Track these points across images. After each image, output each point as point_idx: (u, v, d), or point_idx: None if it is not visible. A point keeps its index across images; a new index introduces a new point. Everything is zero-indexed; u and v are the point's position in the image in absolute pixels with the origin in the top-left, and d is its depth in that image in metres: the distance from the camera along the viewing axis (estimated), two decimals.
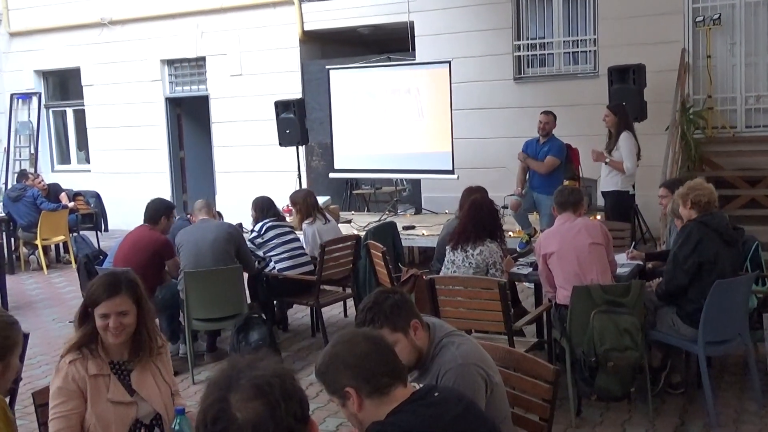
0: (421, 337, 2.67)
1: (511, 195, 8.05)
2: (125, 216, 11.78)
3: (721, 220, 4.79)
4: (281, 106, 10.39)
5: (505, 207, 8.24)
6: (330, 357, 2.14)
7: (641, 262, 5.44)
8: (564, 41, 10.30)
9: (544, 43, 10.43)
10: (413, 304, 2.70)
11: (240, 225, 8.21)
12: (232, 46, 12.44)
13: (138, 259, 5.90)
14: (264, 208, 6.71)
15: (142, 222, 6.18)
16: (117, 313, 2.79)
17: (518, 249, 7.85)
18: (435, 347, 2.68)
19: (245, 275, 6.27)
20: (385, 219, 9.46)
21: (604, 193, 7.78)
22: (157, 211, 6.17)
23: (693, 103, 9.45)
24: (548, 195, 7.77)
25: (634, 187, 7.83)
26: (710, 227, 4.72)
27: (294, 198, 7.14)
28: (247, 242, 6.45)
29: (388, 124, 10.31)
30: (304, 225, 6.97)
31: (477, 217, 5.21)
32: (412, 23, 11.05)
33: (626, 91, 8.40)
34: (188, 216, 7.07)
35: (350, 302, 7.25)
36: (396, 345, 2.58)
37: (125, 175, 13.57)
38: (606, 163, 7.50)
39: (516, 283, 6.05)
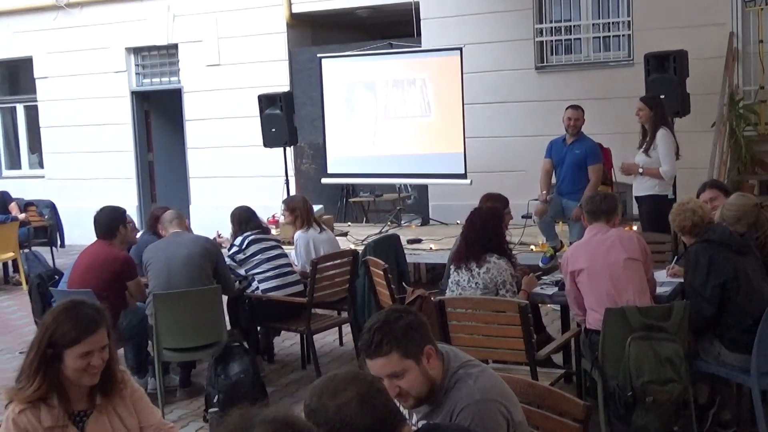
0: (435, 367, 2.67)
1: (535, 199, 8.06)
2: (84, 229, 11.71)
3: (723, 231, 4.89)
4: (266, 101, 10.42)
5: (528, 216, 8.25)
6: (313, 414, 2.12)
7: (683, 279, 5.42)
8: (593, 24, 10.34)
9: (571, 26, 10.47)
10: (428, 328, 2.70)
11: (218, 235, 8.23)
12: (208, 31, 12.49)
13: (97, 281, 5.88)
14: (243, 219, 6.72)
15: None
16: (100, 349, 2.81)
17: (541, 265, 7.85)
18: (449, 379, 2.68)
19: (224, 297, 6.26)
20: (387, 231, 9.48)
21: (638, 199, 7.76)
22: (112, 222, 6.12)
23: (743, 95, 9.48)
24: (578, 202, 7.79)
25: (674, 191, 7.83)
26: (715, 243, 4.79)
27: (291, 203, 7.15)
28: (227, 258, 6.46)
29: (390, 121, 10.34)
30: (296, 234, 6.98)
31: (479, 230, 5.24)
32: (417, 4, 11.09)
33: (665, 82, 8.41)
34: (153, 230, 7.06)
35: (346, 328, 7.25)
36: (405, 374, 2.58)
37: (84, 182, 13.60)
38: (640, 173, 7.48)
39: (539, 305, 6.05)
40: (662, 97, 7.86)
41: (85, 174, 13.62)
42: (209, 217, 11.66)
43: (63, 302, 2.92)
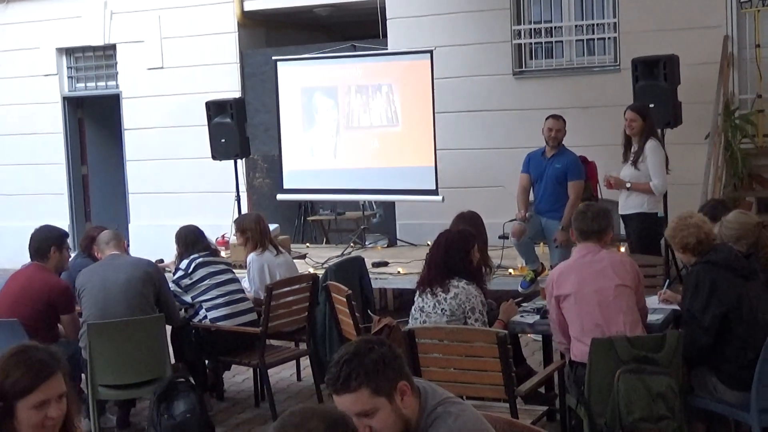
0: (410, 405, 2.67)
1: (512, 220, 8.11)
2: (10, 251, 11.62)
3: (728, 252, 4.90)
4: (214, 108, 10.37)
5: (504, 237, 8.29)
6: None
7: (678, 306, 5.46)
8: (577, 26, 10.45)
9: (552, 28, 10.58)
10: (403, 361, 2.69)
11: (161, 262, 8.17)
12: (150, 31, 12.44)
13: (28, 310, 5.82)
14: (190, 240, 6.69)
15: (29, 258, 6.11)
16: (58, 398, 2.76)
17: (520, 290, 7.89)
18: (426, 418, 2.68)
19: (168, 327, 6.21)
20: (350, 253, 9.46)
21: (625, 217, 7.81)
22: (45, 242, 6.10)
23: (739, 104, 9.63)
24: (560, 221, 7.85)
25: (665, 208, 7.90)
26: (719, 265, 4.81)
27: (243, 223, 7.13)
28: (171, 284, 6.41)
29: (353, 131, 10.36)
30: (250, 256, 6.96)
31: (442, 253, 5.27)
32: (383, 3, 11.14)
33: (655, 89, 8.51)
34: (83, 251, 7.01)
35: (305, 361, 7.22)
36: (376, 413, 2.57)
37: (8, 198, 13.43)
38: (627, 188, 7.55)
39: (519, 335, 6.06)
40: (651, 106, 7.96)
41: (8, 189, 13.45)
42: (151, 238, 11.55)
43: (10, 348, 2.85)
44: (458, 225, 5.85)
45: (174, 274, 6.64)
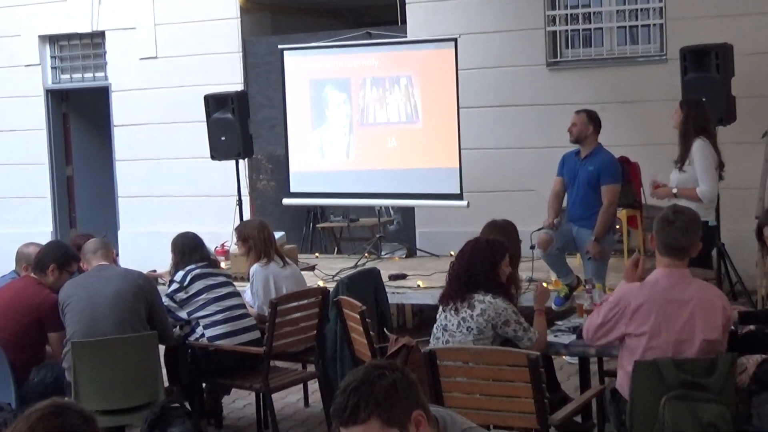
0: None
1: (539, 229, 8.08)
2: None
3: None
4: (214, 103, 10.41)
5: (532, 247, 8.27)
6: None
7: (732, 326, 5.43)
8: (618, 11, 10.43)
9: (590, 13, 10.57)
10: (418, 388, 2.69)
11: (153, 273, 8.18)
12: (143, 16, 12.50)
13: (15, 324, 5.88)
14: (187, 249, 6.70)
15: (12, 268, 6.14)
16: None
17: (554, 307, 7.86)
18: None
19: (161, 346, 6.22)
20: (364, 265, 9.47)
21: None
22: (46, 256, 6.21)
23: None
24: (593, 230, 7.81)
25: (717, 216, 7.86)
26: None
27: (244, 231, 7.14)
28: (165, 298, 6.43)
29: (368, 128, 10.38)
30: (254, 268, 6.97)
31: (466, 264, 5.27)
32: None
33: (706, 82, 8.49)
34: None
35: (313, 385, 7.22)
36: None
37: None
38: (674, 194, 7.51)
39: (553, 357, 6.05)
40: (702, 99, 7.90)
41: None
42: (142, 247, 11.59)
43: (42, 407, 2.77)
44: (489, 235, 5.85)
45: (168, 286, 6.66)
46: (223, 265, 8.33)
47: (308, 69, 10.65)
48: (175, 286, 6.57)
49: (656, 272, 4.74)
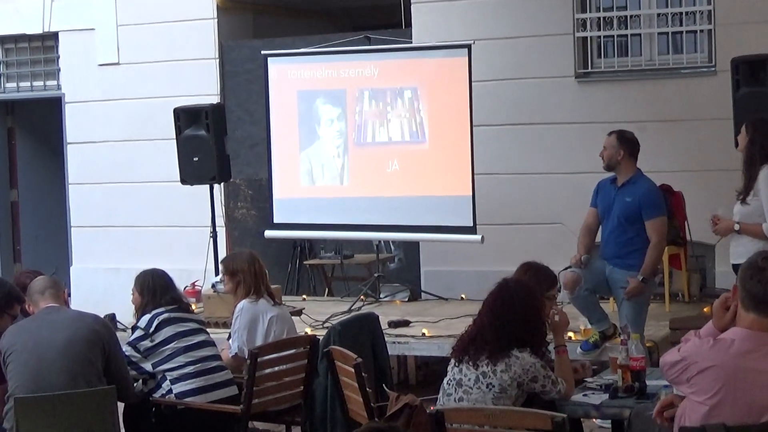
0: None
1: (566, 268, 8.06)
2: None
3: None
4: (185, 117, 10.42)
5: (560, 290, 8.24)
6: None
7: None
8: (659, 14, 10.46)
9: (626, 17, 10.59)
10: None
11: (112, 317, 8.17)
12: (103, 16, 12.52)
13: None
14: (156, 289, 6.67)
15: None
16: None
17: (580, 351, 7.84)
18: None
19: (120, 404, 6.20)
20: (360, 309, 9.45)
21: (736, 268, 7.74)
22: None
23: None
24: (630, 270, 7.79)
25: None
26: None
27: (233, 264, 7.12)
28: (126, 347, 6.42)
29: (366, 149, 10.40)
30: (241, 303, 6.94)
31: (503, 315, 5.25)
32: None
33: (762, 98, 8.47)
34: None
35: None
36: None
37: None
38: (737, 231, 7.51)
39: (582, 420, 6.03)
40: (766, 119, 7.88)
41: None
42: (99, 286, 11.59)
43: None
44: (525, 277, 5.86)
45: (131, 333, 6.64)
46: (195, 308, 8.32)
47: (296, 78, 10.67)
48: (138, 332, 6.55)
49: (733, 331, 4.53)
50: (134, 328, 6.64)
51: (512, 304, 5.29)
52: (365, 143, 10.39)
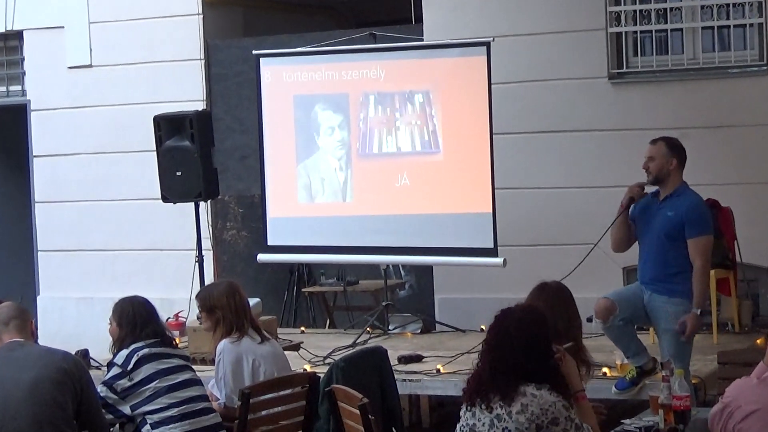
0: None
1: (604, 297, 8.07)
2: None
3: None
4: (167, 126, 10.43)
5: (590, 319, 8.24)
6: None
7: None
8: (703, 6, 10.47)
9: (666, 9, 10.60)
10: None
11: (85, 354, 8.19)
12: (73, 12, 12.56)
13: None
14: (136, 320, 6.63)
15: None
16: None
17: (615, 391, 7.84)
18: None
19: None
20: (366, 343, 9.46)
21: None
22: None
23: None
24: (671, 296, 7.79)
25: None
26: None
27: (210, 299, 7.09)
28: (101, 387, 6.41)
29: (372, 161, 10.43)
30: (221, 345, 6.94)
31: (501, 347, 5.27)
32: None
33: None
34: None
35: None
36: None
37: None
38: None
39: None
40: None
41: None
42: (70, 317, 11.60)
43: None
44: (539, 301, 5.85)
45: (107, 371, 6.63)
46: (180, 342, 8.33)
47: (292, 82, 10.71)
48: (115, 370, 6.52)
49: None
50: (110, 365, 6.61)
51: (507, 333, 5.28)
52: (371, 154, 10.42)
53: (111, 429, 6.51)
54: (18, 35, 12.95)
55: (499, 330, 5.35)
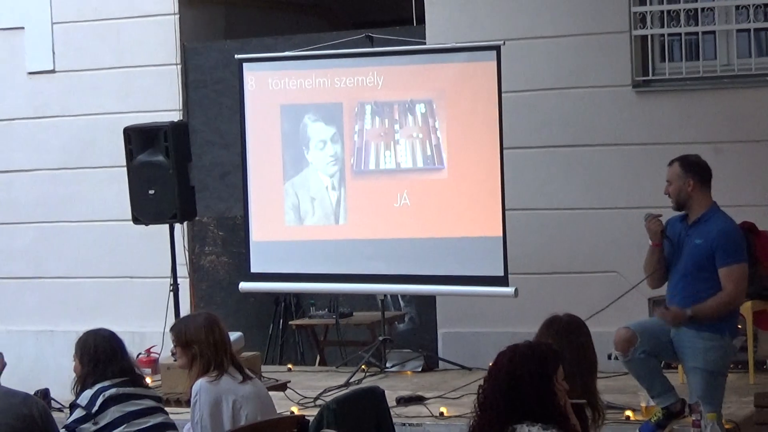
0: None
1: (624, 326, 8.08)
2: None
3: None
4: (138, 139, 10.46)
5: (612, 357, 8.25)
6: None
7: None
8: (738, 7, 10.49)
9: (696, 10, 10.64)
10: None
11: (45, 394, 8.19)
12: (34, 12, 12.59)
13: None
14: (103, 357, 6.67)
15: None
16: None
17: None
18: None
19: None
20: (361, 382, 9.48)
21: None
22: None
23: None
24: (700, 330, 7.80)
25: None
26: None
27: (185, 333, 7.06)
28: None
29: (368, 178, 10.46)
30: (197, 384, 6.94)
31: (508, 383, 5.29)
32: None
33: None
34: None
35: None
36: None
37: None
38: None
39: None
40: None
41: None
42: (28, 354, 11.60)
43: None
44: (548, 337, 5.87)
45: (69, 413, 6.65)
46: (149, 381, 8.34)
47: (279, 90, 10.73)
48: (78, 413, 6.54)
49: None
50: (73, 406, 6.61)
51: (509, 369, 5.32)
52: (367, 171, 10.45)
53: None
54: None
55: (490, 371, 5.38)
